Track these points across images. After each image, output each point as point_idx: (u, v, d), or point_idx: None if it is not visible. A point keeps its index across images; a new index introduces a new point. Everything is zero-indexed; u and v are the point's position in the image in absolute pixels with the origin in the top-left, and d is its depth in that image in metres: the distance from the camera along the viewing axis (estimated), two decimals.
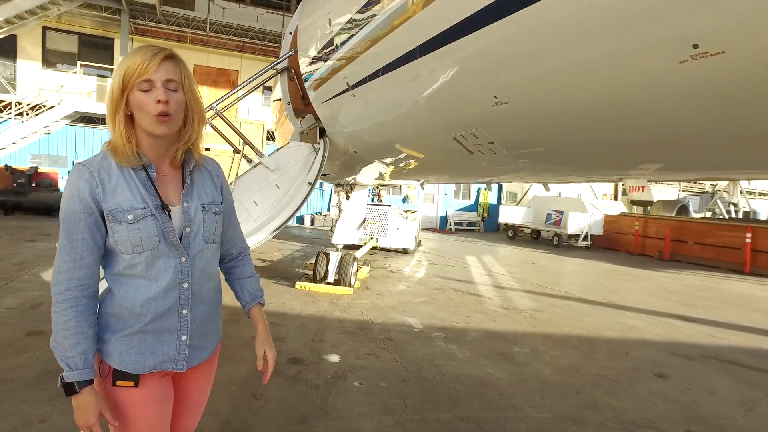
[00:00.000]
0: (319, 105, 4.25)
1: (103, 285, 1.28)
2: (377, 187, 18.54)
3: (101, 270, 1.26)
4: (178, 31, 15.95)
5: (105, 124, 14.37)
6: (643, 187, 2.23)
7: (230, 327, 4.40)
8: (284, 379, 3.45)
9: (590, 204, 16.73)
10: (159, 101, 1.15)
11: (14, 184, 12.84)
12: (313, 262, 6.95)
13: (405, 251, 11.39)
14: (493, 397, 3.41)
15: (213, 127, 4.56)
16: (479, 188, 20.58)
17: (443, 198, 20.38)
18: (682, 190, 23.02)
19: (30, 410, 2.74)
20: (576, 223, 15.04)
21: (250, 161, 4.80)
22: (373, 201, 17.36)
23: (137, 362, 1.23)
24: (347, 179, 6.64)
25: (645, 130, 1.89)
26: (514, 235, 17.48)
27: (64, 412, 2.72)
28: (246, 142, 4.62)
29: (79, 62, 14.66)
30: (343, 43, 3.31)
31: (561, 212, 16.29)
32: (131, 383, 1.23)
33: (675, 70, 1.45)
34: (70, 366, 1.15)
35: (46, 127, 13.47)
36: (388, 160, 4.19)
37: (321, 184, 17.21)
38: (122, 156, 1.19)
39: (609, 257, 13.36)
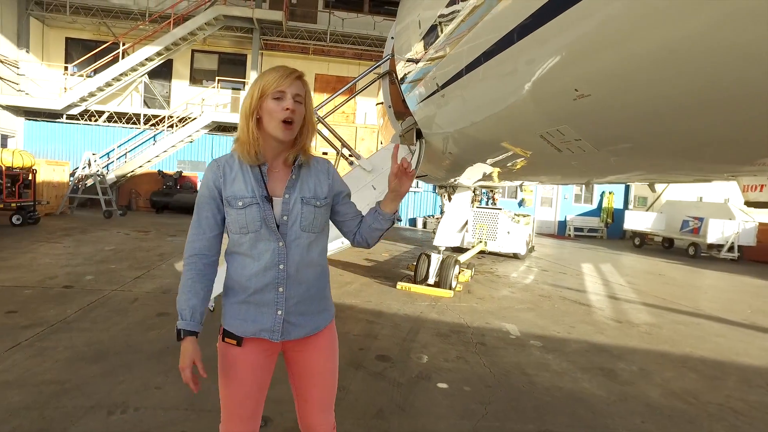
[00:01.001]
0: (414, 107, 4.31)
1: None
2: (491, 190, 18.13)
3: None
4: (302, 43, 17.17)
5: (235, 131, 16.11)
6: (762, 186, 1.90)
7: None
8: (369, 374, 3.55)
9: (739, 210, 14.54)
10: (287, 108, 1.41)
11: (164, 187, 14.97)
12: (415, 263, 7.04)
13: (515, 256, 10.97)
14: (585, 414, 3.15)
15: (335, 133, 4.85)
16: (602, 192, 19.02)
17: (562, 202, 19.19)
18: None
19: (150, 377, 3.19)
20: (718, 231, 13.16)
21: (351, 164, 5.02)
22: (487, 204, 17.04)
23: (240, 327, 1.48)
24: (449, 181, 6.61)
25: (760, 116, 1.62)
26: (642, 243, 15.82)
27: (175, 383, 3.12)
28: (344, 145, 4.84)
29: (217, 78, 16.63)
30: (431, 45, 3.32)
31: (700, 219, 14.38)
32: (234, 342, 1.48)
33: None
34: (181, 316, 1.41)
35: (190, 136, 15.45)
36: (480, 161, 4.09)
37: (434, 187, 17.28)
38: (245, 153, 1.46)
39: (763, 272, 11.46)
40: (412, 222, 17.85)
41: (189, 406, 2.86)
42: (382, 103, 5.83)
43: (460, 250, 9.92)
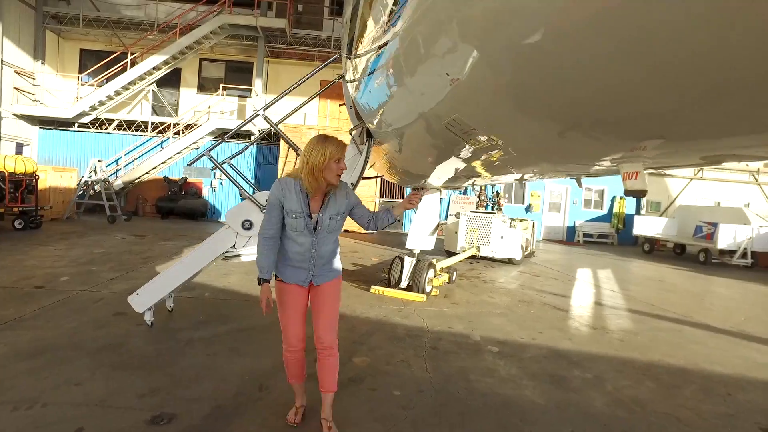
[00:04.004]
0: (358, 106, 4.25)
1: None
2: (497, 195, 17.84)
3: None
4: (307, 50, 17.32)
5: (242, 138, 16.25)
6: (637, 173, 1.77)
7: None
8: None
9: (756, 215, 13.94)
10: (342, 168, 2.43)
11: (169, 192, 15.22)
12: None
13: (510, 261, 10.73)
14: (512, 420, 3.00)
15: (282, 135, 4.82)
16: (613, 197, 18.53)
17: (571, 207, 18.77)
18: None
19: (75, 374, 3.20)
20: (729, 237, 12.64)
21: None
22: (493, 209, 16.77)
23: (287, 278, 2.55)
24: (421, 182, 6.49)
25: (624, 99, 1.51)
26: (651, 249, 15.30)
27: (99, 379, 3.12)
28: (288, 144, 4.79)
29: (221, 86, 16.89)
30: (353, 45, 3.26)
31: (714, 224, 13.84)
32: (282, 280, 2.56)
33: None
34: (261, 271, 2.47)
35: (195, 143, 15.70)
36: (421, 159, 3.98)
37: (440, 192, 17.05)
38: (310, 187, 2.40)
39: None
40: None
41: (101, 402, 2.85)
42: (344, 103, 5.78)
43: (455, 254, 9.75)
